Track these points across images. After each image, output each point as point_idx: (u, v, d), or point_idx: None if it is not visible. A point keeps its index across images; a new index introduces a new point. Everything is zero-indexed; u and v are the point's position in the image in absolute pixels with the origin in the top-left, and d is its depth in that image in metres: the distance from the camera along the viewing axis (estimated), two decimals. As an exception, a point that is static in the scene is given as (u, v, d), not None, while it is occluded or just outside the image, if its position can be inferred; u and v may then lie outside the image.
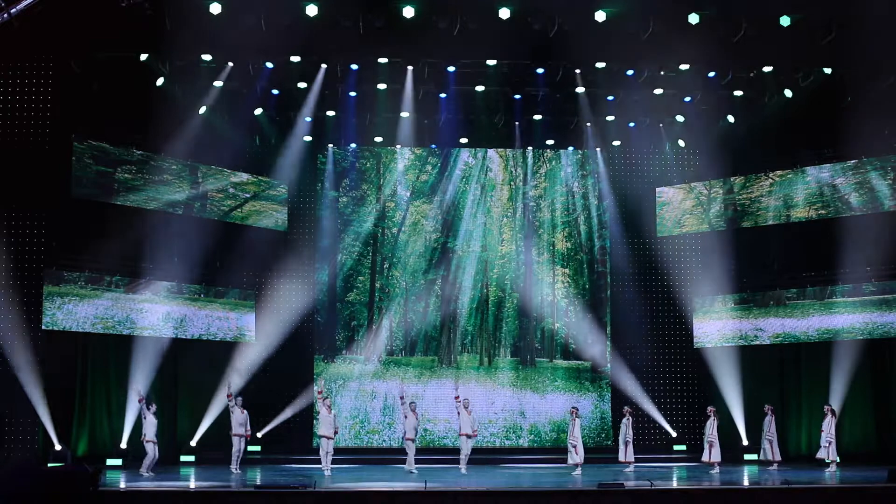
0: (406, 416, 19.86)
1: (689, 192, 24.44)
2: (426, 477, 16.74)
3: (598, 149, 24.67)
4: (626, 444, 20.10)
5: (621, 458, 20.15)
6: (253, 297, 23.59)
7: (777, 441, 20.71)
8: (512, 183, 24.88)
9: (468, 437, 19.46)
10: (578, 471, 19.12)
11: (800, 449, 22.84)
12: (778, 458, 20.58)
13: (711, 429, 19.92)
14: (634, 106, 22.95)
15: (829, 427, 19.80)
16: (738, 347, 23.63)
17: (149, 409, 18.85)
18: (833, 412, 20.07)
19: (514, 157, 24.83)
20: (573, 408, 20.01)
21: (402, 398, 20.22)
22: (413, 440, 19.73)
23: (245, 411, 19.68)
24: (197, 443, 22.14)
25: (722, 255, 24.02)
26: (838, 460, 19.77)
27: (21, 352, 18.98)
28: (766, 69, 21.02)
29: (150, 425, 18.76)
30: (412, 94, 21.99)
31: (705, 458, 19.89)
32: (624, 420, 20.36)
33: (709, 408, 20.42)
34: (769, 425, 20.66)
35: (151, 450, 18.66)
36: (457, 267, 24.54)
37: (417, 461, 19.79)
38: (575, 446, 19.37)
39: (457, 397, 19.89)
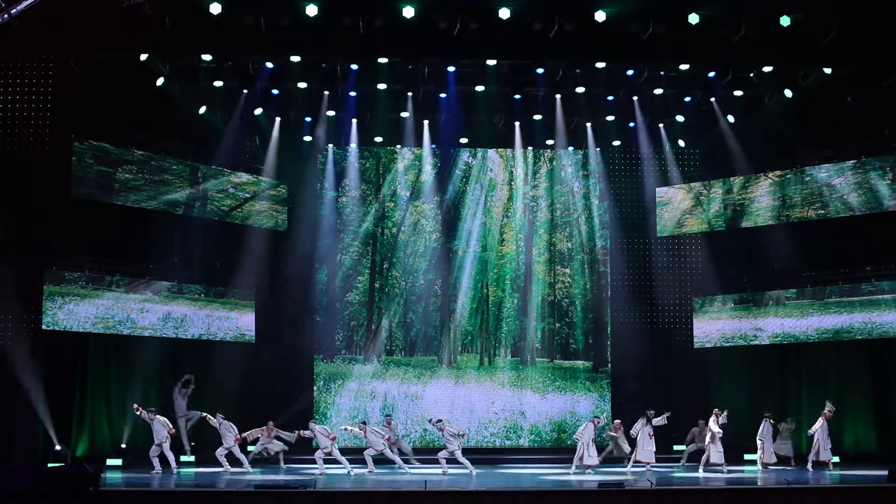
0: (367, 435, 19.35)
1: (689, 192, 24.42)
2: (426, 477, 16.75)
3: (598, 149, 24.65)
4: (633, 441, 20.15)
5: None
6: (253, 297, 23.58)
7: (769, 445, 20.66)
8: (512, 183, 24.87)
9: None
10: (590, 471, 19.09)
11: (799, 449, 22.80)
12: (773, 460, 20.56)
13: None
14: (634, 106, 22.98)
15: (819, 430, 19.79)
16: (738, 347, 23.63)
17: (150, 414, 19.06)
18: (823, 416, 20.00)
19: (514, 157, 24.82)
20: (595, 417, 20.44)
21: (363, 424, 19.72)
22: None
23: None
24: (196, 443, 22.11)
25: (722, 255, 24.05)
26: (835, 460, 19.74)
27: (21, 352, 18.94)
28: (766, 69, 21.04)
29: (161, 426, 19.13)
30: (412, 94, 22.01)
31: (719, 460, 19.83)
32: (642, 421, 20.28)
33: (715, 410, 20.40)
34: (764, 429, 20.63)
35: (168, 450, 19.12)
36: (457, 267, 24.53)
37: (417, 461, 19.78)
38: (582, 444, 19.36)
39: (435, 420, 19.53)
